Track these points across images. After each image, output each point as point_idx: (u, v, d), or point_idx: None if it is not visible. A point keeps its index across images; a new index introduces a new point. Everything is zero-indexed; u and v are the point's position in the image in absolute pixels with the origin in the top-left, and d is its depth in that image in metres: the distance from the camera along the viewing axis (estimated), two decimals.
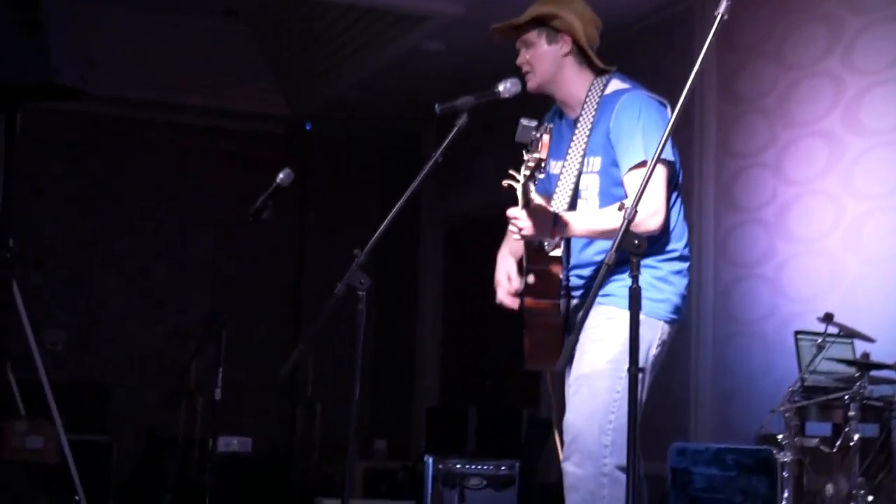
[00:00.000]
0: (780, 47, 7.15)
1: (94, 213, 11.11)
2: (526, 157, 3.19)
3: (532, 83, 3.81)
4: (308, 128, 11.21)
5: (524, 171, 3.21)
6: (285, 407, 11.27)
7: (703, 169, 7.49)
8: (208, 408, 8.31)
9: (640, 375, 3.43)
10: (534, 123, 3.16)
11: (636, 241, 2.75)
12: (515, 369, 10.38)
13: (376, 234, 3.44)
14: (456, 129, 3.50)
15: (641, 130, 3.51)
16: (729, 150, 7.48)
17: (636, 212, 2.77)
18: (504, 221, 3.92)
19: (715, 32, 2.83)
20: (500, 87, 3.54)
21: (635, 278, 2.76)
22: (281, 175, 4.74)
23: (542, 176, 3.24)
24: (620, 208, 2.96)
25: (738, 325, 7.25)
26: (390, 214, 3.48)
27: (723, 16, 2.84)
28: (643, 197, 2.87)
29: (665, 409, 7.49)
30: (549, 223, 3.44)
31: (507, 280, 3.90)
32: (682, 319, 3.68)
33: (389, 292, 11.67)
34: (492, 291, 4.05)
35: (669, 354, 3.77)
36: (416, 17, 8.77)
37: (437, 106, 3.57)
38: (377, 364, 11.70)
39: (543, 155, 3.16)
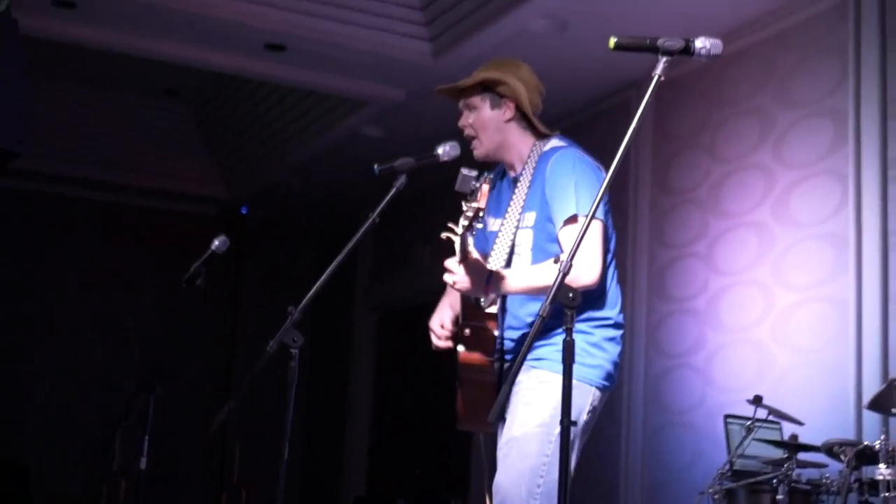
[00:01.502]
0: (713, 139, 7.29)
1: (29, 290, 10.98)
2: (465, 207, 3.19)
3: (479, 152, 3.82)
4: (244, 211, 11.20)
5: (462, 222, 3.21)
6: (211, 491, 11.08)
7: (636, 258, 7.57)
8: (132, 492, 8.14)
9: (572, 439, 3.44)
10: (474, 173, 3.17)
11: (570, 294, 2.76)
12: (444, 459, 10.35)
13: (310, 293, 3.43)
14: (394, 189, 3.50)
15: (574, 186, 3.54)
16: (662, 240, 7.57)
17: (571, 265, 2.78)
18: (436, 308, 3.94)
19: (651, 92, 2.86)
20: (440, 150, 3.56)
21: (569, 331, 2.76)
22: (216, 242, 4.67)
23: (479, 226, 3.24)
24: (556, 261, 2.97)
25: (669, 415, 7.27)
26: (325, 274, 3.46)
27: (659, 77, 2.87)
28: (578, 252, 2.87)
29: (594, 499, 7.46)
30: (482, 279, 3.44)
31: (440, 328, 3.88)
32: (614, 386, 3.68)
33: (320, 378, 11.58)
34: (422, 380, 4.02)
35: (601, 444, 3.76)
36: (356, 102, 8.85)
37: (376, 166, 3.58)
38: (305, 450, 11.56)
39: (482, 204, 3.17)
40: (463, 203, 3.22)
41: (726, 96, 7.25)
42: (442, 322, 3.88)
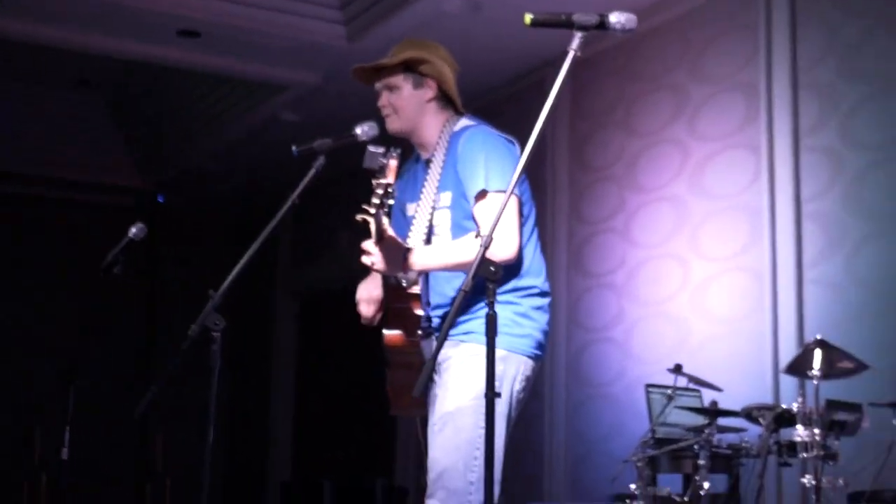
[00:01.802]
0: (628, 116, 7.38)
1: None
2: (374, 185, 3.19)
3: (394, 125, 3.81)
4: (160, 200, 11.10)
5: (374, 200, 3.21)
6: (134, 481, 10.99)
7: (555, 235, 7.65)
8: (53, 485, 8.05)
9: (506, 411, 3.48)
10: (381, 149, 3.15)
11: (492, 268, 2.79)
12: (370, 440, 10.37)
13: (231, 276, 3.42)
14: (313, 170, 3.50)
15: (484, 161, 3.55)
16: (579, 215, 7.65)
17: (492, 238, 2.81)
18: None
19: (567, 68, 2.90)
20: (358, 130, 3.56)
21: (491, 304, 2.79)
22: (133, 229, 4.64)
23: (391, 201, 3.23)
24: (477, 236, 2.98)
25: (590, 388, 7.36)
26: (245, 257, 3.45)
27: (575, 52, 2.91)
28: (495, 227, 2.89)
29: (520, 476, 7.54)
30: (399, 257, 3.45)
31: (366, 303, 3.87)
32: (545, 355, 3.72)
33: (242, 366, 11.54)
34: (344, 364, 4.02)
35: (523, 421, 3.79)
36: (273, 87, 8.81)
37: (294, 148, 3.57)
38: (229, 437, 11.50)
39: (391, 179, 3.16)
40: (373, 181, 3.21)
41: (641, 73, 7.34)
42: (369, 294, 3.87)
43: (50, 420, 5.25)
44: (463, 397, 3.49)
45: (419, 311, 3.71)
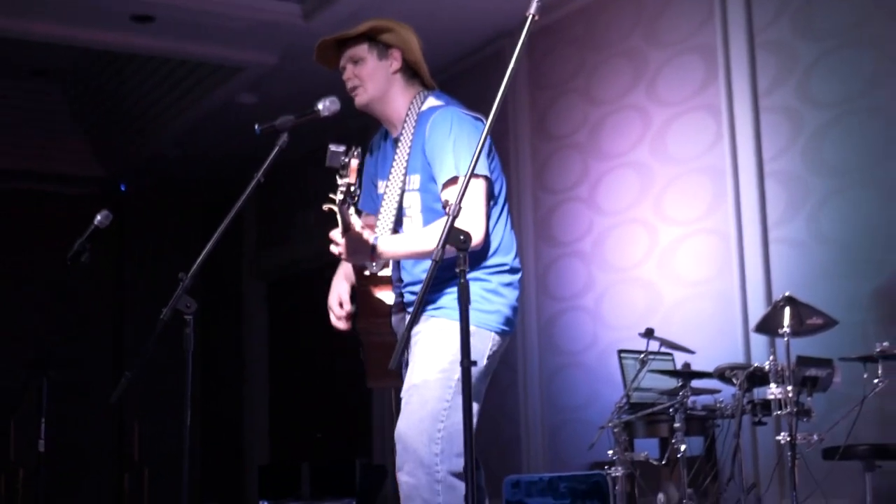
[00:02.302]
0: (588, 84, 7.38)
1: None
2: (339, 182, 3.18)
3: (361, 98, 3.75)
4: (123, 188, 11.02)
5: (338, 196, 3.20)
6: (112, 471, 10.95)
7: (522, 205, 7.64)
8: (31, 478, 8.00)
9: (473, 383, 3.46)
10: (342, 148, 3.13)
11: (462, 237, 2.78)
12: (346, 420, 10.36)
13: (199, 258, 3.38)
14: (277, 148, 3.46)
15: (453, 146, 3.52)
16: (544, 185, 7.65)
17: (460, 208, 2.80)
18: (328, 271, 3.93)
19: (526, 32, 2.89)
20: (320, 106, 3.52)
21: (462, 272, 2.77)
22: (98, 217, 4.57)
23: (354, 200, 3.22)
24: (444, 206, 2.95)
25: (563, 357, 7.38)
26: (212, 238, 3.42)
27: (533, 16, 2.90)
28: (461, 212, 2.88)
29: (497, 448, 7.56)
30: (366, 249, 3.44)
31: (339, 306, 3.87)
32: (514, 331, 3.71)
33: (214, 351, 11.50)
34: (317, 345, 4.01)
35: (498, 393, 3.79)
36: (230, 69, 8.74)
37: (257, 126, 3.53)
38: (205, 424, 11.48)
39: (353, 179, 3.14)
40: (337, 178, 3.20)
41: (598, 40, 7.34)
42: (340, 299, 3.85)
43: (24, 413, 5.20)
44: (429, 370, 3.49)
45: (389, 293, 3.71)
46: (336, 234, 3.42)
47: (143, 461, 10.06)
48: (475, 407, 3.50)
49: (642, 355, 5.48)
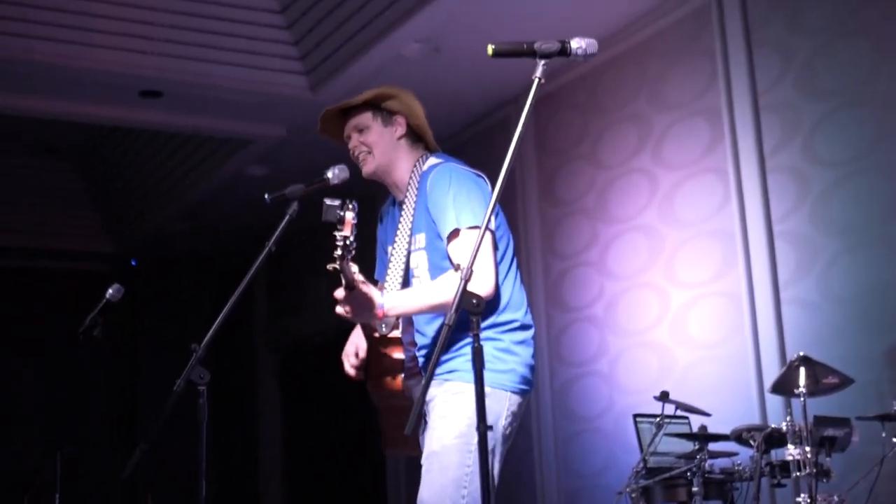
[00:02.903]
0: (594, 148, 7.41)
1: None
2: (336, 236, 3.18)
3: (369, 167, 3.79)
4: (133, 264, 11.05)
5: (337, 252, 3.20)
6: None
7: (532, 271, 7.64)
8: None
9: (492, 446, 3.44)
10: (337, 202, 3.14)
11: (474, 301, 2.78)
12: (361, 490, 10.27)
13: (212, 329, 3.39)
14: (287, 216, 3.48)
15: (452, 199, 3.54)
16: (554, 250, 7.66)
17: (472, 271, 2.80)
18: (340, 342, 3.92)
19: (534, 95, 2.91)
20: (329, 174, 3.55)
21: (476, 336, 2.77)
22: (110, 290, 4.60)
23: (352, 253, 3.21)
24: (457, 269, 2.94)
25: (579, 423, 7.33)
26: (225, 308, 3.42)
27: (540, 79, 2.92)
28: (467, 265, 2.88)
29: None
30: (371, 306, 3.43)
31: (355, 356, 3.85)
32: (532, 389, 3.69)
33: (226, 423, 11.44)
34: (330, 416, 3.99)
35: (514, 459, 3.76)
36: (238, 142, 8.80)
37: (266, 195, 3.55)
38: (219, 497, 11.38)
39: (348, 232, 3.14)
40: (335, 233, 3.21)
41: (603, 105, 7.37)
42: (357, 349, 3.85)
43: (37, 490, 5.17)
44: (447, 436, 3.47)
45: (400, 355, 3.69)
46: (339, 292, 3.40)
47: None
48: (496, 468, 3.48)
49: (658, 419, 5.45)
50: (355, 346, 3.85)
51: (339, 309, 3.44)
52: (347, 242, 3.15)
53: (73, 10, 7.15)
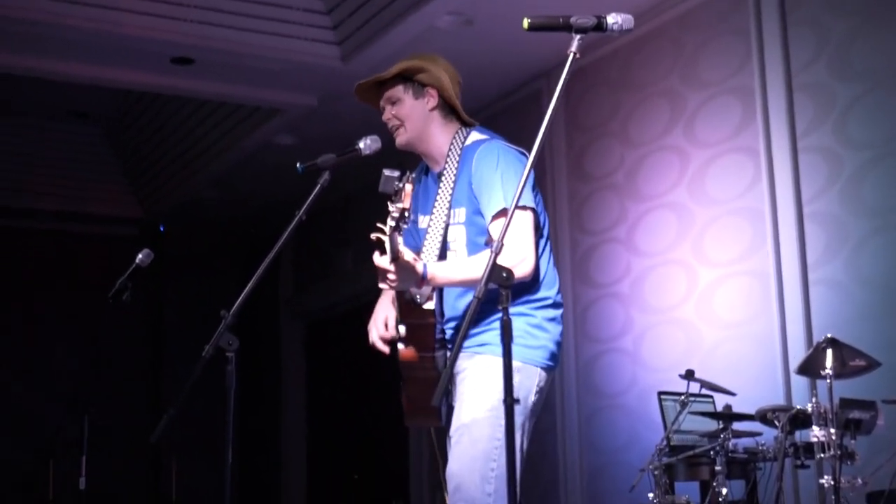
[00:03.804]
0: (625, 125, 7.38)
1: None
2: (390, 208, 3.19)
3: (401, 138, 3.80)
4: (162, 229, 11.10)
5: (389, 222, 3.20)
6: None
7: (559, 247, 7.63)
8: None
9: (521, 421, 3.45)
10: (396, 173, 3.15)
11: (504, 274, 2.78)
12: (383, 461, 10.33)
13: (242, 296, 3.40)
14: (319, 186, 3.49)
15: (500, 179, 3.55)
16: (582, 226, 7.64)
17: (503, 244, 2.80)
18: (366, 312, 3.92)
19: (568, 70, 2.90)
20: (361, 144, 3.56)
21: (505, 310, 2.77)
22: (140, 255, 4.63)
23: (406, 225, 3.23)
24: (487, 243, 2.95)
25: (602, 399, 7.34)
26: (254, 276, 3.44)
27: (575, 54, 2.91)
28: (510, 245, 2.90)
29: (536, 489, 7.51)
30: (416, 276, 3.44)
31: (384, 326, 3.85)
32: (558, 366, 3.71)
33: (251, 392, 11.51)
34: (355, 387, 3.99)
35: (537, 435, 3.78)
36: (268, 111, 8.81)
37: (299, 164, 3.56)
38: (242, 465, 11.46)
39: (407, 204, 3.15)
40: (389, 203, 3.21)
41: (635, 81, 7.34)
42: (386, 320, 3.84)
43: (63, 453, 5.21)
44: (478, 409, 3.49)
45: (433, 326, 3.69)
46: (383, 260, 3.39)
47: (180, 500, 10.04)
48: (524, 443, 3.50)
49: (683, 397, 5.45)
50: (385, 317, 3.85)
51: (381, 278, 3.42)
52: (406, 215, 3.15)
53: None
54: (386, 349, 3.82)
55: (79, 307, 10.64)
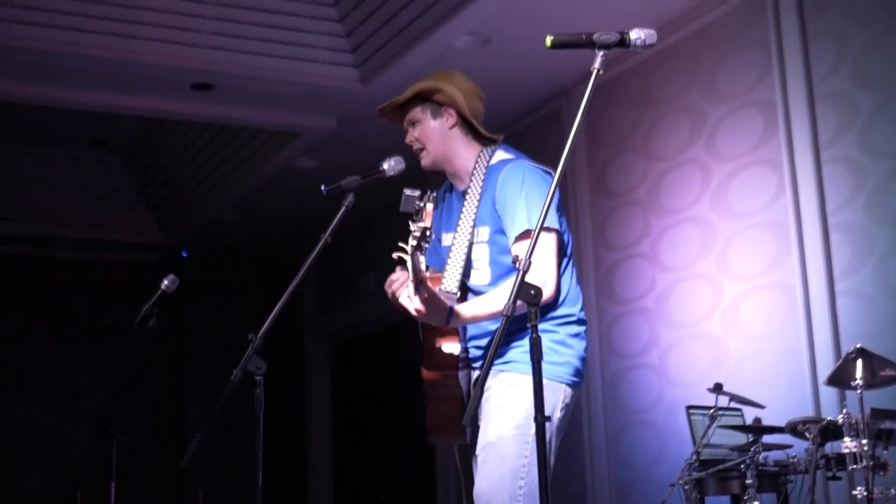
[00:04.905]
0: (646, 140, 7.37)
1: None
2: (412, 227, 3.19)
3: (426, 161, 3.82)
4: (184, 255, 11.13)
5: (411, 242, 3.19)
6: None
7: (582, 263, 7.61)
8: None
9: (549, 437, 3.43)
10: (417, 193, 3.16)
11: (532, 292, 2.78)
12: (410, 481, 10.31)
13: (269, 319, 3.41)
14: (343, 208, 3.50)
15: (525, 200, 3.55)
16: (605, 242, 7.63)
17: (530, 262, 2.79)
18: (389, 333, 3.91)
19: (592, 85, 2.89)
20: (385, 166, 3.56)
21: (534, 327, 2.77)
22: (165, 281, 4.66)
23: (427, 244, 3.22)
24: (514, 262, 2.93)
25: (629, 415, 7.31)
26: (281, 299, 3.44)
27: (598, 70, 2.91)
28: (532, 267, 2.89)
29: None
30: (442, 316, 3.44)
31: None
32: (583, 382, 3.70)
33: (277, 415, 11.49)
34: (380, 407, 3.96)
35: (564, 451, 3.76)
36: (288, 134, 8.83)
37: (323, 187, 3.57)
38: (269, 488, 11.45)
39: (428, 223, 3.16)
40: (410, 223, 3.21)
41: (655, 97, 7.33)
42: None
43: (90, 479, 5.20)
44: (504, 427, 3.48)
45: (456, 345, 3.69)
46: (407, 293, 3.35)
47: None
48: (552, 460, 3.49)
49: (712, 410, 5.42)
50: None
51: (410, 305, 3.39)
52: (427, 234, 3.14)
53: (124, 4, 7.19)
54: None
55: (102, 334, 10.67)
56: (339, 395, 11.61)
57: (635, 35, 2.95)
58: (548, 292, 3.49)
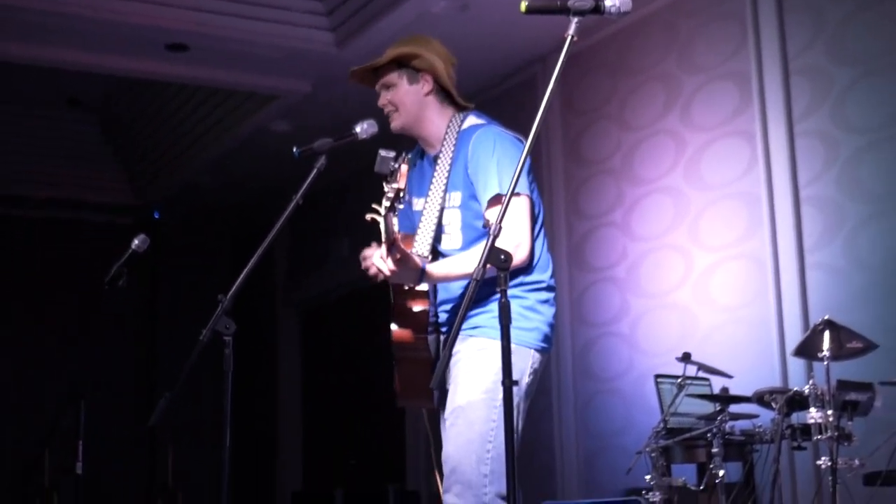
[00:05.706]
0: (621, 109, 7.37)
1: None
2: (385, 188, 3.18)
3: (396, 123, 3.80)
4: (156, 216, 11.08)
5: (384, 203, 3.19)
6: (145, 495, 10.96)
7: (554, 231, 7.62)
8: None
9: (517, 402, 3.45)
10: (392, 154, 3.15)
11: (502, 256, 2.78)
12: (379, 446, 10.34)
13: (239, 279, 3.39)
14: (315, 170, 3.48)
15: (496, 165, 3.55)
16: (578, 211, 7.64)
17: (501, 227, 2.79)
18: (361, 298, 3.91)
19: (565, 53, 2.89)
20: (358, 129, 3.55)
21: (503, 292, 2.77)
22: (136, 241, 4.59)
23: (401, 206, 3.22)
24: (485, 225, 2.95)
25: (598, 384, 7.34)
26: (251, 260, 3.43)
27: (573, 37, 2.90)
28: (505, 231, 2.90)
29: (531, 473, 7.52)
30: (414, 276, 3.45)
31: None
32: (552, 348, 3.72)
33: (247, 378, 11.49)
34: (350, 372, 3.96)
35: (532, 419, 3.78)
36: (263, 97, 8.79)
37: (295, 149, 3.55)
38: (238, 451, 11.42)
39: (402, 184, 3.15)
40: (384, 184, 3.20)
41: (631, 66, 7.33)
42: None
43: (59, 439, 5.20)
44: (473, 391, 3.50)
45: (427, 308, 3.69)
46: (382, 250, 3.36)
47: (176, 487, 10.04)
48: (520, 424, 3.51)
49: (680, 379, 5.45)
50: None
51: (381, 265, 3.40)
52: (401, 195, 3.14)
53: None
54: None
55: (73, 294, 10.63)
56: (310, 359, 11.62)
57: (610, 2, 2.94)
58: (521, 254, 3.50)
